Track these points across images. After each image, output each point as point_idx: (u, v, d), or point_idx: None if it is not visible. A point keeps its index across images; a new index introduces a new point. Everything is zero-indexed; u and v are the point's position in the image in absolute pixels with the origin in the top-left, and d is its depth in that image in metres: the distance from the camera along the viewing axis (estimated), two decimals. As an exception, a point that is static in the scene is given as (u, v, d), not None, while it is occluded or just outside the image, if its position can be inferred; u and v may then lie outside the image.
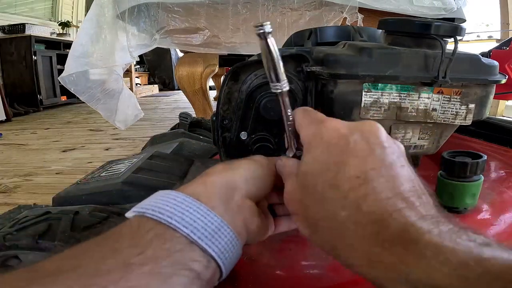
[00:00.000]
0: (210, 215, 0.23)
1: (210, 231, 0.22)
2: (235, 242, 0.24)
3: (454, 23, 0.39)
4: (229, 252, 0.23)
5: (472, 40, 2.73)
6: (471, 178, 0.45)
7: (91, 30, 0.93)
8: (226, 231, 0.23)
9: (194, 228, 0.22)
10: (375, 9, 0.86)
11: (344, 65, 0.36)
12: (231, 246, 0.23)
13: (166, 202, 0.23)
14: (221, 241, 0.23)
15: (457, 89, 0.39)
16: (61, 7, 4.25)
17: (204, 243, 0.21)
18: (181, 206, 0.22)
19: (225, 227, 0.23)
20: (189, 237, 0.21)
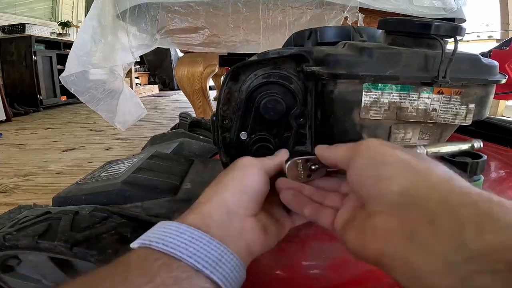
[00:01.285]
0: (213, 243, 0.24)
1: (214, 258, 0.23)
2: (239, 267, 0.25)
3: (454, 23, 0.39)
4: (234, 277, 0.24)
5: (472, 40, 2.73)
6: (471, 178, 0.45)
7: (92, 29, 0.93)
8: (229, 258, 0.24)
9: (198, 258, 0.22)
10: (375, 9, 0.86)
11: (344, 65, 0.36)
12: (235, 271, 0.24)
13: (169, 234, 0.24)
14: (225, 267, 0.23)
15: (457, 89, 0.39)
16: (61, 7, 4.25)
17: (208, 271, 0.22)
18: (183, 236, 0.23)
19: (228, 253, 0.24)
20: (194, 266, 0.22)
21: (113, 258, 0.36)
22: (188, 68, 1.25)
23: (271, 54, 0.37)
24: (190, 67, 1.25)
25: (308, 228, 0.40)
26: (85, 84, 0.98)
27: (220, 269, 0.23)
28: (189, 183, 0.51)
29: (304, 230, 0.40)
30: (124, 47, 0.98)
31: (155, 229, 0.25)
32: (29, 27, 3.31)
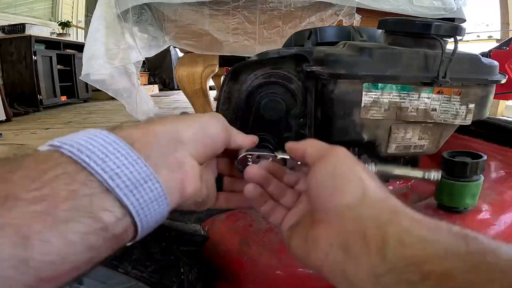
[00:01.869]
0: (140, 164, 0.19)
1: (134, 181, 0.19)
2: (162, 201, 0.20)
3: (454, 23, 0.39)
4: (151, 210, 0.20)
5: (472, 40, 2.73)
6: (471, 178, 0.45)
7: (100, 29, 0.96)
8: (154, 186, 0.20)
9: (115, 174, 0.18)
10: (375, 9, 0.86)
11: (344, 65, 0.36)
12: (155, 204, 0.20)
13: (91, 140, 0.19)
14: (145, 195, 0.19)
15: (457, 89, 0.39)
16: (61, 7, 4.25)
17: (122, 193, 0.18)
18: (107, 147, 0.19)
19: (154, 180, 0.20)
20: (105, 183, 0.18)
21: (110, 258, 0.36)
22: (188, 68, 1.25)
23: (271, 54, 0.37)
24: (190, 67, 1.25)
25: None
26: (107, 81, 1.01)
27: (138, 195, 0.19)
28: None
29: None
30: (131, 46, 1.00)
31: (79, 133, 0.20)
32: (29, 27, 3.31)
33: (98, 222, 0.17)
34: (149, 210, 0.20)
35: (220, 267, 0.41)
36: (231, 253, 0.40)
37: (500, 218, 0.45)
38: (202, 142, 0.24)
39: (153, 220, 0.20)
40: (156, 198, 0.20)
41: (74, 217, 0.17)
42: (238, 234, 0.42)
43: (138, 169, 0.19)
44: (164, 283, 0.37)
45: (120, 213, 0.18)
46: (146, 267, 0.37)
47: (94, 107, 3.50)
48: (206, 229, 0.46)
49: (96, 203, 0.18)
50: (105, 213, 0.18)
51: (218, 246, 0.42)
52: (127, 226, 0.19)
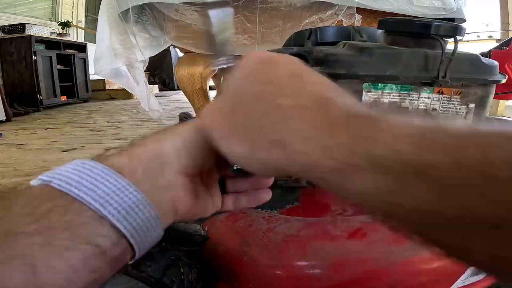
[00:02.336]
0: (129, 190, 0.20)
1: (125, 206, 0.20)
2: (155, 222, 0.21)
3: (454, 23, 0.39)
4: (145, 231, 0.21)
5: (472, 40, 2.73)
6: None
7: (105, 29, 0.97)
8: (145, 208, 0.21)
9: (106, 202, 0.19)
10: (375, 9, 0.86)
11: (344, 65, 0.36)
12: (150, 225, 0.21)
13: (78, 172, 0.20)
14: (137, 218, 0.20)
15: (457, 89, 0.39)
16: (61, 7, 4.25)
17: (115, 219, 0.19)
18: (95, 178, 0.20)
19: (145, 203, 0.21)
20: (98, 212, 0.19)
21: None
22: (188, 68, 1.25)
23: (271, 54, 0.37)
24: (190, 67, 1.25)
25: (308, 228, 0.40)
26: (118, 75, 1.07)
27: (130, 219, 0.20)
28: (189, 183, 0.51)
29: (304, 230, 0.40)
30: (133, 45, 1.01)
31: (67, 166, 0.21)
32: (29, 27, 3.31)
33: (96, 247, 0.19)
34: (144, 232, 0.21)
35: (220, 267, 0.41)
36: (231, 253, 0.40)
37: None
38: (188, 156, 0.24)
39: (149, 240, 0.22)
40: (149, 221, 0.21)
41: (73, 245, 0.18)
42: (238, 234, 0.42)
43: (128, 194, 0.20)
44: (164, 283, 0.37)
45: (115, 237, 0.19)
46: (146, 267, 0.37)
47: (94, 107, 3.50)
48: (206, 229, 0.46)
49: (91, 230, 0.19)
50: (101, 239, 0.19)
51: (218, 246, 0.42)
52: (124, 248, 0.20)
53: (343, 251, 0.37)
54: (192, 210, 0.25)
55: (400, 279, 0.36)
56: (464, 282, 0.37)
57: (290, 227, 0.41)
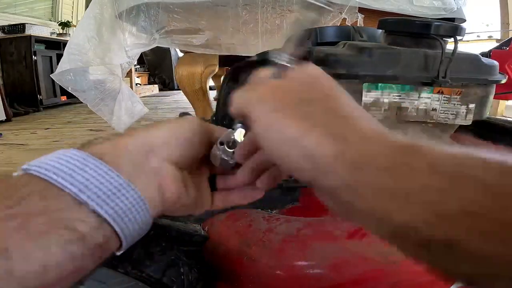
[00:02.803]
0: (110, 175, 0.20)
1: (106, 191, 0.19)
2: (141, 206, 0.21)
3: (454, 23, 0.39)
4: (130, 217, 0.20)
5: (472, 40, 2.73)
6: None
7: (88, 28, 0.93)
8: (129, 193, 0.20)
9: (85, 187, 0.19)
10: (375, 9, 0.86)
11: (344, 65, 0.36)
12: (134, 211, 0.20)
13: (58, 159, 0.20)
14: (120, 203, 0.19)
15: (457, 89, 0.39)
16: (61, 7, 4.25)
17: (94, 203, 0.19)
18: (75, 163, 0.19)
19: (128, 188, 0.20)
20: (77, 197, 0.18)
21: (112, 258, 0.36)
22: (188, 68, 1.25)
23: (271, 54, 0.37)
24: (190, 67, 1.25)
25: (308, 228, 0.40)
26: (85, 84, 0.97)
27: (112, 203, 0.19)
28: (189, 183, 0.51)
29: (304, 230, 0.40)
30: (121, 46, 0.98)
31: (48, 155, 0.21)
32: (29, 27, 3.31)
33: (74, 232, 0.18)
34: (128, 218, 0.20)
35: (220, 267, 0.41)
36: (231, 253, 0.40)
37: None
38: (177, 146, 0.24)
39: (136, 228, 0.21)
40: (134, 205, 0.20)
41: (50, 229, 0.17)
42: (238, 234, 0.42)
43: (109, 179, 0.20)
44: (164, 283, 0.37)
45: (96, 222, 0.19)
46: (146, 267, 0.37)
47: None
48: (206, 229, 0.46)
49: (69, 215, 0.18)
50: (80, 224, 0.18)
51: (218, 246, 0.42)
52: (108, 234, 0.19)
53: (343, 251, 0.37)
54: (181, 201, 0.24)
55: (400, 279, 0.36)
56: (464, 282, 0.37)
57: (290, 227, 0.41)
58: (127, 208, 0.20)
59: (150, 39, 0.99)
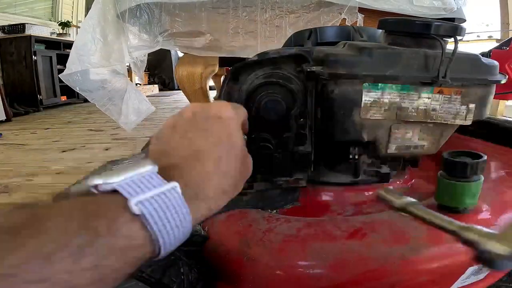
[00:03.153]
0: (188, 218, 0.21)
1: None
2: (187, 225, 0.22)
3: (454, 23, 0.39)
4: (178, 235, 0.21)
5: (472, 40, 2.73)
6: (471, 178, 0.44)
7: (92, 29, 0.93)
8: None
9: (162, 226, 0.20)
10: (375, 9, 0.86)
11: (344, 65, 0.36)
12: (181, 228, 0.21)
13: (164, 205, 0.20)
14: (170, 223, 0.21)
15: (457, 89, 0.39)
16: (61, 7, 4.25)
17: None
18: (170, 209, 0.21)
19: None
20: None
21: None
22: (188, 68, 1.25)
23: (271, 54, 0.37)
24: (190, 67, 1.24)
25: (308, 228, 0.40)
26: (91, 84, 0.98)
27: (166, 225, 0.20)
28: (189, 183, 0.51)
29: (304, 230, 0.40)
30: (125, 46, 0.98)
31: (141, 178, 0.21)
32: (29, 27, 3.31)
33: None
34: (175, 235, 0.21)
35: (220, 267, 0.41)
36: (231, 253, 0.40)
37: (500, 218, 0.45)
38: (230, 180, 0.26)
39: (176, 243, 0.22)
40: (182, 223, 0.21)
41: None
42: (238, 234, 0.42)
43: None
44: (164, 283, 0.37)
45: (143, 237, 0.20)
46: (146, 267, 0.37)
47: (94, 107, 3.49)
48: (206, 229, 0.46)
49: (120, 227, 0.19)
50: None
51: (218, 246, 0.42)
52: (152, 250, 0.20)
53: (343, 251, 0.37)
54: None
55: (400, 279, 0.36)
56: (464, 282, 0.37)
57: (290, 227, 0.41)
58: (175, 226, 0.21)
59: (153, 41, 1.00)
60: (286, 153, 0.41)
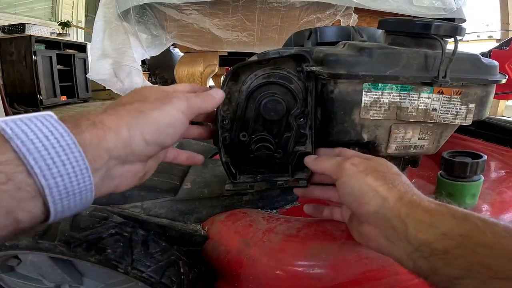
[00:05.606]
0: (74, 149, 0.20)
1: (54, 155, 0.19)
2: (86, 185, 0.20)
3: (454, 23, 0.39)
4: (68, 181, 0.19)
5: (472, 40, 2.73)
6: (471, 178, 0.45)
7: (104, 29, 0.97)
8: (81, 171, 0.20)
9: (27, 139, 0.18)
10: (374, 9, 0.86)
11: (344, 65, 0.36)
12: (76, 181, 0.20)
13: (38, 125, 0.19)
14: (63, 170, 0.19)
15: (457, 89, 0.39)
16: (61, 7, 4.25)
17: (31, 158, 0.18)
18: (48, 136, 0.19)
19: (84, 169, 0.20)
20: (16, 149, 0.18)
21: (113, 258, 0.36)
22: (188, 68, 1.25)
23: (271, 54, 0.37)
24: (190, 67, 1.24)
25: (308, 228, 0.40)
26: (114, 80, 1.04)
27: (54, 170, 0.19)
28: (189, 183, 0.51)
29: (304, 230, 0.40)
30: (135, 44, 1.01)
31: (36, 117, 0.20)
32: (29, 27, 3.31)
33: None
34: (64, 180, 0.19)
35: (220, 267, 0.41)
36: (231, 253, 0.40)
37: (500, 218, 0.45)
38: (155, 148, 0.26)
39: (66, 192, 0.20)
40: (77, 177, 0.20)
41: None
42: (238, 234, 0.42)
43: (68, 151, 0.20)
44: (164, 283, 0.37)
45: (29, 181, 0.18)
46: (146, 267, 0.37)
47: (94, 107, 3.50)
48: (206, 229, 0.46)
49: None
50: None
51: (218, 246, 0.42)
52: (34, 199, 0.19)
53: (343, 251, 0.37)
54: (130, 185, 0.26)
55: (400, 279, 0.36)
56: (464, 282, 0.37)
57: (290, 227, 0.41)
58: (68, 178, 0.19)
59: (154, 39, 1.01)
60: (286, 153, 0.41)
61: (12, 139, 0.18)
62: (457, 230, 0.24)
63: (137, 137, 0.24)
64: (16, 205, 0.18)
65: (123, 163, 0.24)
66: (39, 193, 0.19)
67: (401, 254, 0.27)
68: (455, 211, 0.26)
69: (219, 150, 0.40)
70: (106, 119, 0.23)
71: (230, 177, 0.41)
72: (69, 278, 0.43)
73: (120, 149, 0.23)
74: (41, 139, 0.19)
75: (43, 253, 0.39)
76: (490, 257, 0.22)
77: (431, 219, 0.26)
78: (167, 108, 0.26)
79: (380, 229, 0.29)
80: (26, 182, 0.18)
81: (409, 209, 0.27)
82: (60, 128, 0.20)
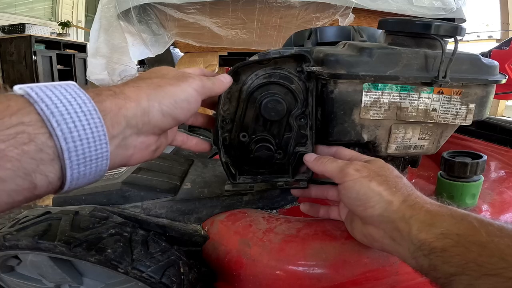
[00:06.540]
0: (94, 114, 0.21)
1: (78, 123, 0.20)
2: (102, 153, 0.21)
3: (454, 23, 0.39)
4: (86, 146, 0.20)
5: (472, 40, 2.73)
6: (471, 178, 0.45)
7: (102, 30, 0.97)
8: (100, 136, 0.21)
9: (53, 106, 0.19)
10: (374, 9, 0.86)
11: (344, 65, 0.36)
12: (93, 146, 0.21)
13: (60, 92, 0.20)
14: (82, 132, 0.20)
15: (457, 89, 0.39)
16: (61, 7, 4.25)
17: (54, 120, 0.19)
18: (71, 102, 0.20)
19: (103, 135, 0.21)
20: (40, 109, 0.19)
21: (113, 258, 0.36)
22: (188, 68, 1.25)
23: (271, 54, 0.37)
24: (190, 67, 1.25)
25: (308, 228, 0.40)
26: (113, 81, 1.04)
27: (75, 133, 0.19)
28: (189, 183, 0.51)
29: (304, 230, 0.40)
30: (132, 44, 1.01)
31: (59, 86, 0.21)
32: (29, 27, 3.31)
33: None
34: (82, 144, 0.20)
35: (220, 267, 0.41)
36: (231, 253, 0.40)
37: (500, 218, 0.45)
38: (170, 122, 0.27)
39: (83, 159, 0.21)
40: (95, 143, 0.21)
41: None
42: (238, 234, 0.42)
43: (90, 117, 0.21)
44: (164, 283, 0.37)
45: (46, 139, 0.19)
46: (146, 267, 0.37)
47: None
48: (206, 229, 0.46)
49: (17, 120, 0.19)
50: None
51: (218, 246, 0.42)
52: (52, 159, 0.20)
53: (343, 251, 0.37)
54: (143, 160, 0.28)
55: (400, 279, 0.36)
56: (464, 282, 0.37)
57: (290, 227, 0.41)
58: (87, 141, 0.20)
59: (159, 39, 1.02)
60: (286, 153, 0.41)
61: (37, 103, 0.19)
62: (454, 229, 0.26)
63: (155, 108, 0.25)
64: (35, 167, 0.19)
65: (138, 133, 0.25)
66: (57, 157, 0.19)
67: (405, 253, 0.28)
68: (454, 211, 0.27)
69: (219, 150, 0.40)
70: (127, 90, 0.24)
71: (230, 177, 0.41)
72: (69, 278, 0.43)
73: (138, 118, 0.24)
74: (65, 103, 0.20)
75: (43, 253, 0.39)
76: (483, 255, 0.23)
77: (432, 219, 0.27)
78: (184, 85, 0.28)
79: (385, 231, 0.30)
80: (47, 144, 0.19)
81: (413, 211, 0.28)
82: (82, 95, 0.21)
